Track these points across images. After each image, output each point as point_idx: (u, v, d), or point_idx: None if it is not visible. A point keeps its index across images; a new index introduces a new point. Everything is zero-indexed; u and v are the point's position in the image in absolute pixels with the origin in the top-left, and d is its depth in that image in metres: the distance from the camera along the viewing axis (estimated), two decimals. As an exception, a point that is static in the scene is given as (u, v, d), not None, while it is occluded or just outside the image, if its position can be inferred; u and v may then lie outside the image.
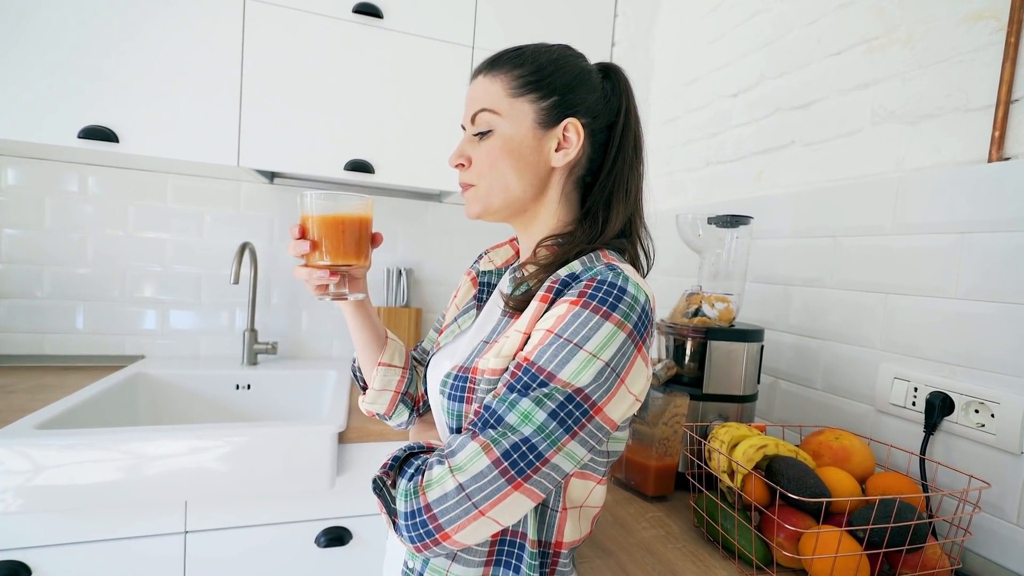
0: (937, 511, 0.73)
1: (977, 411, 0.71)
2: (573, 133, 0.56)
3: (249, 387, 1.33)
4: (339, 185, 1.51)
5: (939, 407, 0.75)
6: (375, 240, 0.63)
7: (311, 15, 1.21)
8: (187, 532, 0.96)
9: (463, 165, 0.59)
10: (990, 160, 0.73)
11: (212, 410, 1.30)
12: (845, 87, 0.96)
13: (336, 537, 1.04)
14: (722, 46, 1.29)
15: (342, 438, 1.03)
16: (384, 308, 1.53)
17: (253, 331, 1.40)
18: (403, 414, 0.72)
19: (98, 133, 1.08)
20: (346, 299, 0.62)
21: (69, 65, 1.07)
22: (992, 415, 0.70)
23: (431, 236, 1.64)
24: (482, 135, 0.57)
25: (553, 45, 0.59)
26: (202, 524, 0.97)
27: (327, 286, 0.60)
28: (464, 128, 0.61)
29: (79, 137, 1.07)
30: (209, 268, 1.44)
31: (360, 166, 1.27)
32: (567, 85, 0.56)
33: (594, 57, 0.62)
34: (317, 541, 1.04)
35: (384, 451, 1.07)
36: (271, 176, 1.46)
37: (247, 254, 1.37)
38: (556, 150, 0.57)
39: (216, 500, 0.98)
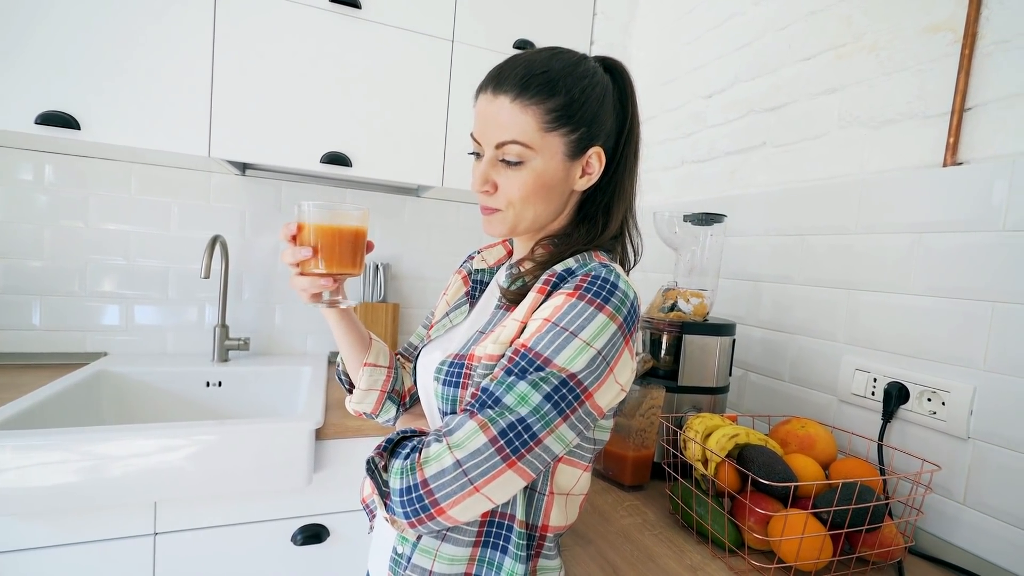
0: (893, 493, 0.78)
1: (930, 400, 0.76)
2: (596, 161, 0.58)
3: (220, 384, 1.30)
4: (315, 177, 1.48)
5: (896, 396, 0.80)
6: (368, 248, 0.64)
7: (287, 3, 1.18)
8: (157, 534, 0.94)
9: (489, 192, 0.57)
10: (945, 165, 0.77)
11: (182, 408, 1.26)
12: (814, 91, 1.00)
13: (313, 535, 1.03)
14: (698, 48, 1.32)
15: (319, 434, 1.01)
16: (361, 304, 1.51)
17: (224, 326, 1.36)
18: (390, 411, 0.73)
19: (58, 119, 1.03)
20: (339, 306, 0.64)
21: (27, 46, 1.01)
22: (943, 403, 0.75)
23: (409, 231, 1.63)
24: (510, 164, 0.56)
25: (574, 62, 0.56)
26: (173, 525, 0.95)
27: (321, 293, 0.61)
28: (477, 142, 0.58)
29: (37, 123, 1.02)
30: (176, 262, 1.39)
31: (337, 159, 1.25)
32: (593, 116, 0.56)
33: None
34: (294, 539, 1.02)
35: (363, 446, 1.07)
36: (243, 167, 1.42)
37: (218, 247, 1.33)
38: (580, 176, 0.58)
39: (187, 500, 0.95)
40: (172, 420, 1.23)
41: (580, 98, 0.55)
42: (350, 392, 0.74)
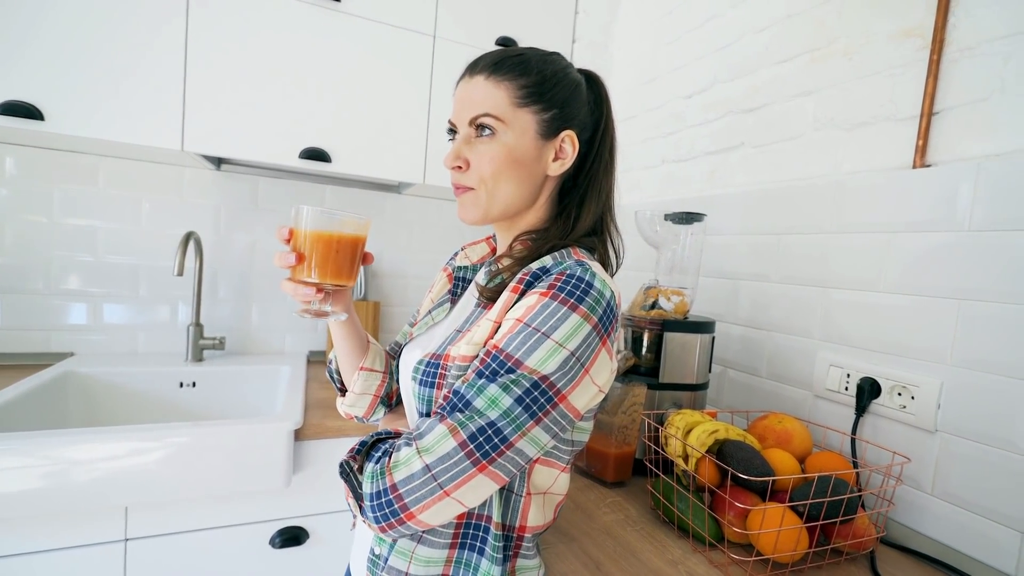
0: (866, 485, 0.80)
1: (900, 394, 0.79)
2: (569, 145, 0.59)
3: (195, 385, 1.26)
4: (293, 173, 1.45)
5: (868, 391, 0.82)
6: (365, 259, 0.61)
7: (263, -7, 1.15)
8: (128, 539, 0.91)
9: (461, 168, 0.58)
10: (914, 167, 0.80)
11: (154, 410, 1.22)
12: (790, 93, 1.02)
13: (292, 537, 1.01)
14: (678, 48, 1.34)
15: (298, 435, 1.00)
16: (340, 301, 1.49)
17: (198, 325, 1.32)
18: (379, 413, 0.73)
19: (20, 109, 0.98)
20: (327, 318, 0.60)
21: (-16, 32, 0.97)
22: (912, 397, 0.77)
23: (390, 229, 1.61)
24: (483, 139, 0.57)
25: (550, 54, 0.60)
26: (145, 530, 0.92)
27: (311, 302, 0.58)
28: (453, 126, 0.60)
29: (-3, 113, 0.97)
30: (148, 259, 1.35)
31: (316, 154, 1.22)
32: (566, 99, 0.58)
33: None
34: (272, 542, 1.00)
35: (343, 446, 1.05)
36: (218, 162, 1.38)
37: (192, 244, 1.29)
38: (553, 160, 0.59)
39: (160, 504, 0.92)
40: (144, 422, 1.20)
41: (552, 79, 0.58)
42: (342, 394, 0.73)
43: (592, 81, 0.63)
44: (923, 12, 0.80)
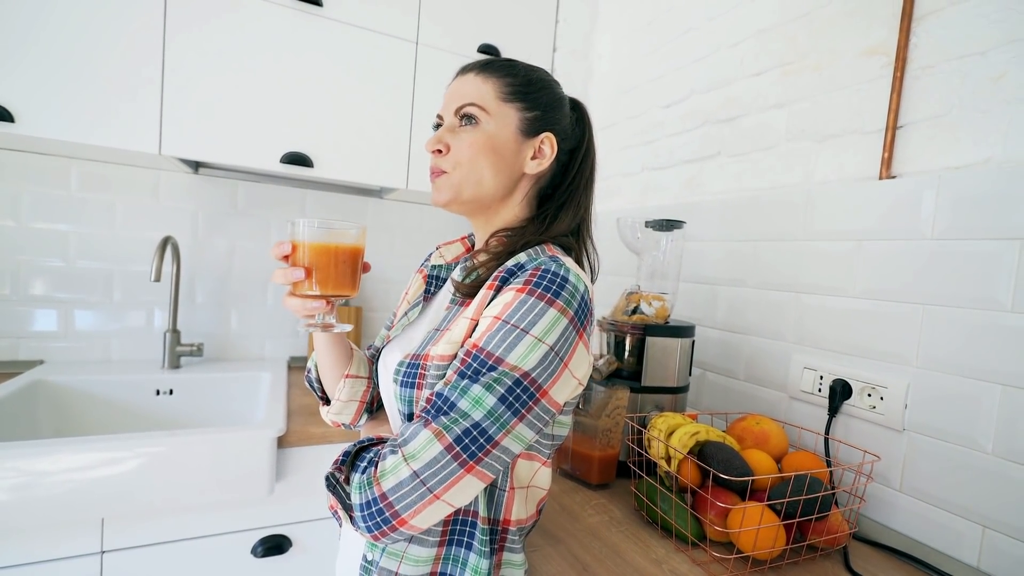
0: (839, 483, 0.83)
1: (870, 395, 0.82)
2: (548, 146, 0.62)
3: (172, 392, 1.24)
4: (274, 178, 1.44)
5: (840, 392, 0.85)
6: (364, 268, 0.62)
7: (244, -4, 1.14)
8: (104, 552, 0.88)
9: (440, 151, 0.61)
10: (880, 178, 0.84)
11: (130, 419, 1.19)
12: (764, 105, 1.06)
13: (275, 546, 1.00)
14: (656, 59, 1.37)
15: (281, 442, 0.98)
16: (322, 307, 1.47)
17: (175, 332, 1.29)
18: (364, 419, 0.73)
19: (-12, 110, 0.95)
20: (332, 331, 0.60)
21: (-50, 31, 0.93)
22: (881, 398, 0.81)
23: (372, 234, 1.60)
24: (466, 127, 0.60)
25: (538, 67, 0.64)
26: (122, 542, 0.90)
27: (315, 316, 0.58)
28: (441, 119, 0.64)
29: (-37, 114, 0.94)
30: (122, 263, 1.32)
31: (297, 159, 1.21)
32: (549, 104, 0.62)
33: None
34: (254, 551, 0.99)
35: (328, 452, 1.04)
36: (196, 166, 1.35)
37: (169, 249, 1.27)
38: (531, 158, 0.61)
39: (137, 515, 0.90)
40: (119, 432, 1.16)
41: (537, 84, 0.62)
42: (325, 402, 0.73)
43: (576, 105, 0.67)
44: (887, 31, 0.84)
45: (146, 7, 1.06)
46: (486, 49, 1.41)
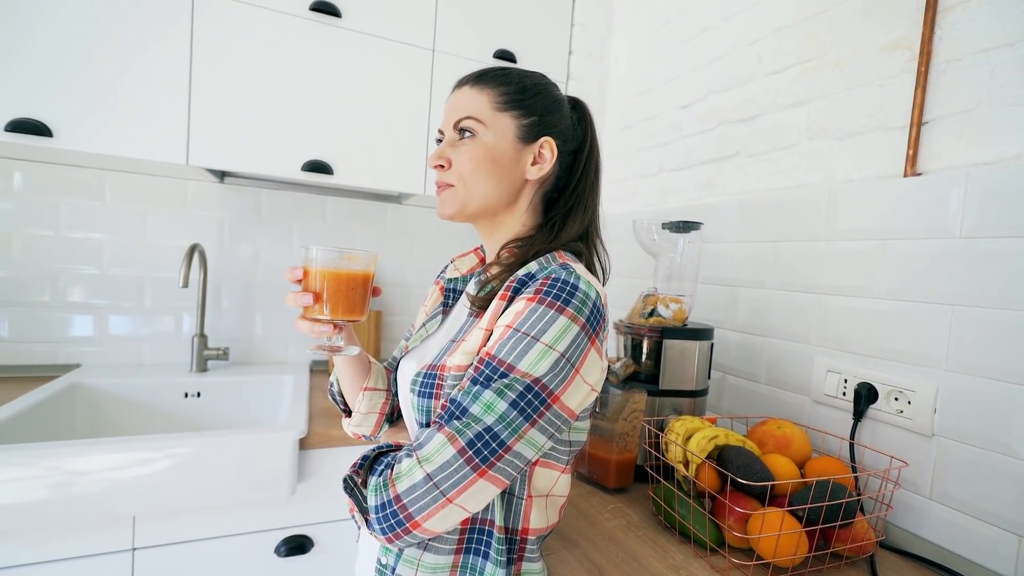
0: (864, 489, 0.81)
1: (896, 399, 0.80)
2: (548, 151, 0.62)
3: (199, 395, 1.28)
4: (295, 185, 1.47)
5: (865, 396, 0.83)
6: (375, 293, 0.64)
7: (266, 11, 1.18)
8: (135, 549, 0.92)
9: (443, 166, 0.62)
10: (905, 175, 0.81)
11: (159, 420, 1.23)
12: (783, 104, 1.04)
13: (297, 546, 1.02)
14: (673, 60, 1.36)
15: (303, 444, 1.01)
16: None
17: (203, 336, 1.34)
18: (384, 429, 0.75)
19: (28, 126, 1.00)
20: (341, 354, 0.62)
21: (-5, 52, 0.99)
22: (909, 402, 0.78)
23: (390, 238, 1.62)
24: (465, 140, 0.61)
25: (533, 72, 0.65)
26: (152, 540, 0.93)
27: (323, 339, 0.60)
28: (442, 134, 0.64)
29: (6, 130, 0.99)
30: (152, 270, 1.37)
31: (318, 167, 1.24)
32: (546, 108, 0.62)
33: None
34: (277, 551, 1.01)
35: (348, 454, 1.06)
36: (221, 175, 1.40)
37: (196, 256, 1.31)
38: (532, 164, 0.62)
39: (166, 514, 0.93)
40: (149, 433, 1.20)
41: (532, 90, 0.62)
42: (347, 415, 0.74)
43: (576, 104, 0.66)
44: (910, 24, 0.82)
45: (173, 25, 1.11)
46: (502, 54, 1.42)
